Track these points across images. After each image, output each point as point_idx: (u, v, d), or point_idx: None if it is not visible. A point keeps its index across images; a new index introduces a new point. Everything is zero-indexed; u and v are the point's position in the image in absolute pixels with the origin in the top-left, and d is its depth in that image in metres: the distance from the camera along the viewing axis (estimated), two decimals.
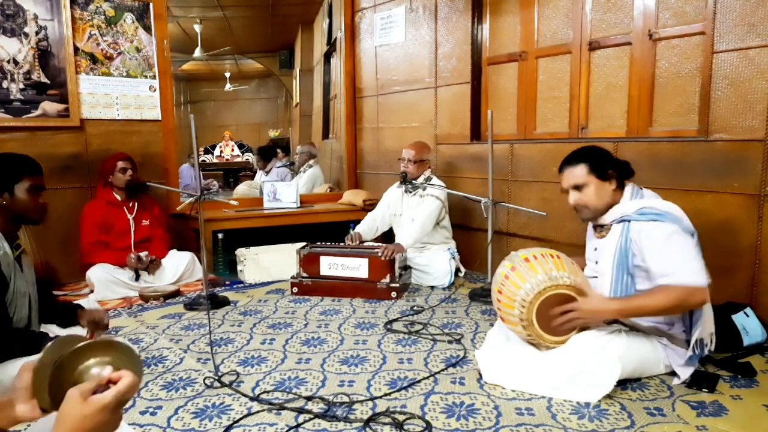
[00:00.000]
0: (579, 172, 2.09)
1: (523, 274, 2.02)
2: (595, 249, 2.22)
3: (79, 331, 2.12)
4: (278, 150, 6.33)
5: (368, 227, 3.76)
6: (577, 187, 2.10)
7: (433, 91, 4.11)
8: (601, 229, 2.16)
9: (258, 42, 8.49)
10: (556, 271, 1.99)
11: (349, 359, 2.31)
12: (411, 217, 3.61)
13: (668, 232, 1.92)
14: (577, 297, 1.98)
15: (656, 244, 1.93)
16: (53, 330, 2.10)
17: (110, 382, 0.87)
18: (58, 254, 3.57)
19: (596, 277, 2.17)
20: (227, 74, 9.41)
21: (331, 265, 3.29)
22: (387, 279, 3.19)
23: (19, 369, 0.97)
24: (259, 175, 5.91)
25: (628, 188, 2.11)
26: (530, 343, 2.07)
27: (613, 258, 2.06)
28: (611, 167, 2.09)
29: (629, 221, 2.02)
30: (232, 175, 8.58)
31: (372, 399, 1.94)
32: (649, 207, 2.01)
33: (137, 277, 3.42)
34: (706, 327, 1.99)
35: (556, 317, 1.98)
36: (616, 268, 2.05)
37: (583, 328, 2.02)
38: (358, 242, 3.56)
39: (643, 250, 1.97)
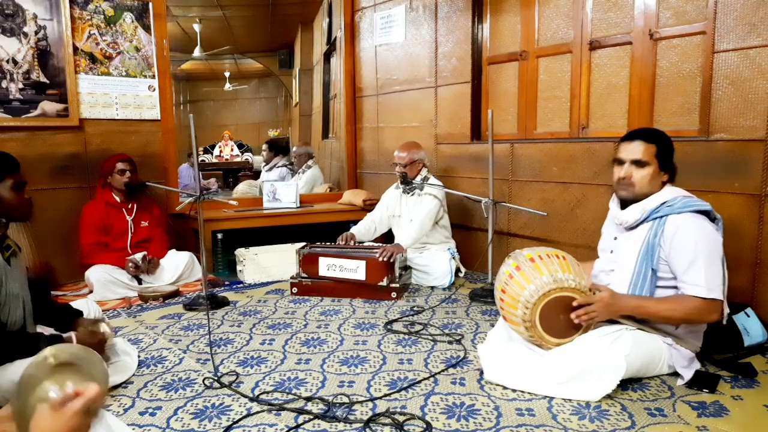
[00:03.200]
0: (647, 150, 2.03)
1: (528, 275, 2.00)
2: (615, 238, 2.18)
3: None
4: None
5: (365, 228, 3.75)
6: (638, 163, 2.04)
7: (433, 91, 4.11)
8: (627, 223, 2.11)
9: (258, 41, 8.48)
10: (562, 273, 1.97)
11: (349, 360, 2.31)
12: (410, 217, 3.60)
13: (704, 236, 1.93)
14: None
15: (689, 247, 1.92)
16: (49, 331, 2.09)
17: (76, 395, 0.91)
18: (57, 254, 3.56)
19: (612, 270, 2.15)
20: (227, 74, 9.39)
21: (329, 266, 3.28)
22: (386, 280, 3.18)
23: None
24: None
25: (670, 186, 2.10)
26: (533, 344, 2.06)
27: (639, 251, 2.03)
28: (672, 163, 2.08)
29: (667, 216, 1.99)
30: (231, 174, 8.57)
31: (372, 399, 1.93)
32: (692, 198, 2.02)
33: (140, 281, 3.42)
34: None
35: (559, 319, 1.97)
36: (640, 262, 2.02)
37: (587, 329, 2.01)
38: (351, 242, 3.54)
39: (671, 247, 1.95)
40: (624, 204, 2.13)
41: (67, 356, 1.01)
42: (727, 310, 2.00)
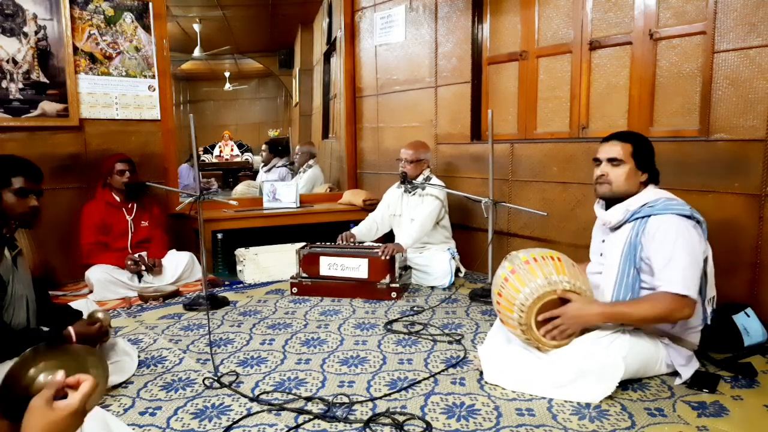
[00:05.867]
0: (623, 149, 2.09)
1: (523, 278, 2.00)
2: (603, 241, 2.21)
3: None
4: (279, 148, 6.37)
5: (367, 228, 3.76)
6: (613, 161, 2.09)
7: (433, 91, 4.11)
8: (611, 223, 2.13)
9: (258, 41, 8.47)
10: (556, 275, 1.96)
11: (349, 360, 2.31)
12: (411, 217, 3.60)
13: (684, 237, 1.92)
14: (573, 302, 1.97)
15: (668, 245, 1.92)
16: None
17: (68, 387, 0.89)
18: (57, 254, 3.56)
19: (601, 272, 2.16)
20: (227, 74, 9.38)
21: (330, 266, 3.28)
22: (387, 279, 3.18)
23: None
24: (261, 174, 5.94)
25: (652, 188, 2.12)
26: (530, 346, 2.05)
27: (622, 251, 2.04)
28: (650, 163, 2.11)
29: (648, 216, 2.01)
30: (231, 174, 8.57)
31: (372, 399, 1.93)
32: (675, 200, 2.03)
33: (140, 279, 3.42)
34: (710, 289, 2.02)
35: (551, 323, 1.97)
36: (624, 261, 2.03)
37: (582, 332, 2.00)
38: (350, 242, 3.54)
39: (651, 245, 1.96)
40: (608, 205, 2.17)
41: (61, 348, 0.99)
42: (708, 309, 2.01)
